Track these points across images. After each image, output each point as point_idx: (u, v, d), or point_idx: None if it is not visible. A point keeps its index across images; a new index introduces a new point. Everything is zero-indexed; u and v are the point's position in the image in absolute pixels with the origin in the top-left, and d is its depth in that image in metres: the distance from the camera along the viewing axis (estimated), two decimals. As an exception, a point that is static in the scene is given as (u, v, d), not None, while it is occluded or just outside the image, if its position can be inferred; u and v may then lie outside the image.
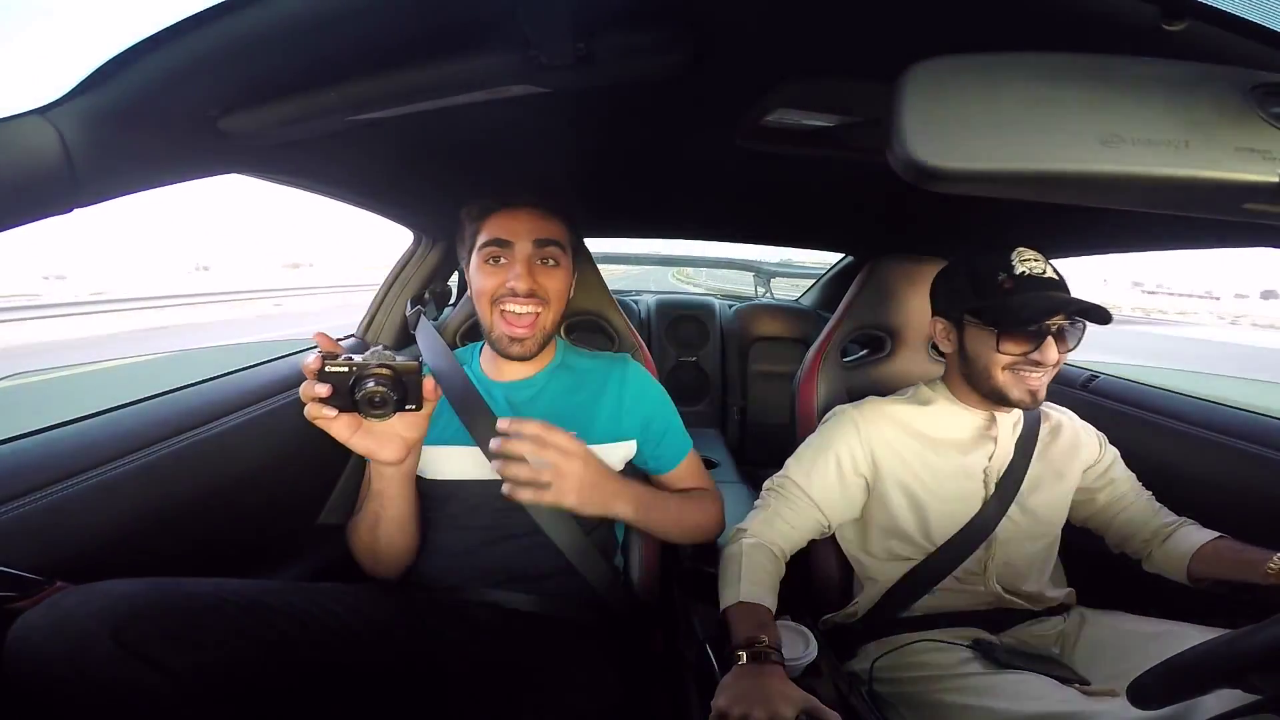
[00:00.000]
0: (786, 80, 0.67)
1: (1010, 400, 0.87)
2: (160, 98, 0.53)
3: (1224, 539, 0.87)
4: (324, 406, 0.66)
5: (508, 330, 0.88)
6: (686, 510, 0.94)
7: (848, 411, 0.98)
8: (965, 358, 0.90)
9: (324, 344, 0.68)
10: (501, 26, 0.50)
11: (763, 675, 0.67)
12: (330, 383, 0.65)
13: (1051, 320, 0.82)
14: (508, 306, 0.87)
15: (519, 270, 0.86)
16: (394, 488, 0.79)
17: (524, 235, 0.88)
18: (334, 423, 0.67)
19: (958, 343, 0.91)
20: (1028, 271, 0.83)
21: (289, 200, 20.43)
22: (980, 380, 0.89)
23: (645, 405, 0.96)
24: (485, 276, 0.88)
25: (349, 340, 1.36)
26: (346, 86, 0.57)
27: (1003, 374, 0.86)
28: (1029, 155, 0.31)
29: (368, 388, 0.65)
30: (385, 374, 0.66)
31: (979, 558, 0.91)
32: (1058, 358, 0.83)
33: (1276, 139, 0.31)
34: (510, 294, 0.86)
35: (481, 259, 0.89)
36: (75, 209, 0.54)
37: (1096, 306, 0.81)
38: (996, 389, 0.87)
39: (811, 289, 2.80)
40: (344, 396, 0.66)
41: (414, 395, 0.69)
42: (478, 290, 0.89)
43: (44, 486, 0.66)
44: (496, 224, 0.88)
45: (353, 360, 0.66)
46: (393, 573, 0.88)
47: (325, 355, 0.66)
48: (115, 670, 0.55)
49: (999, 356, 0.85)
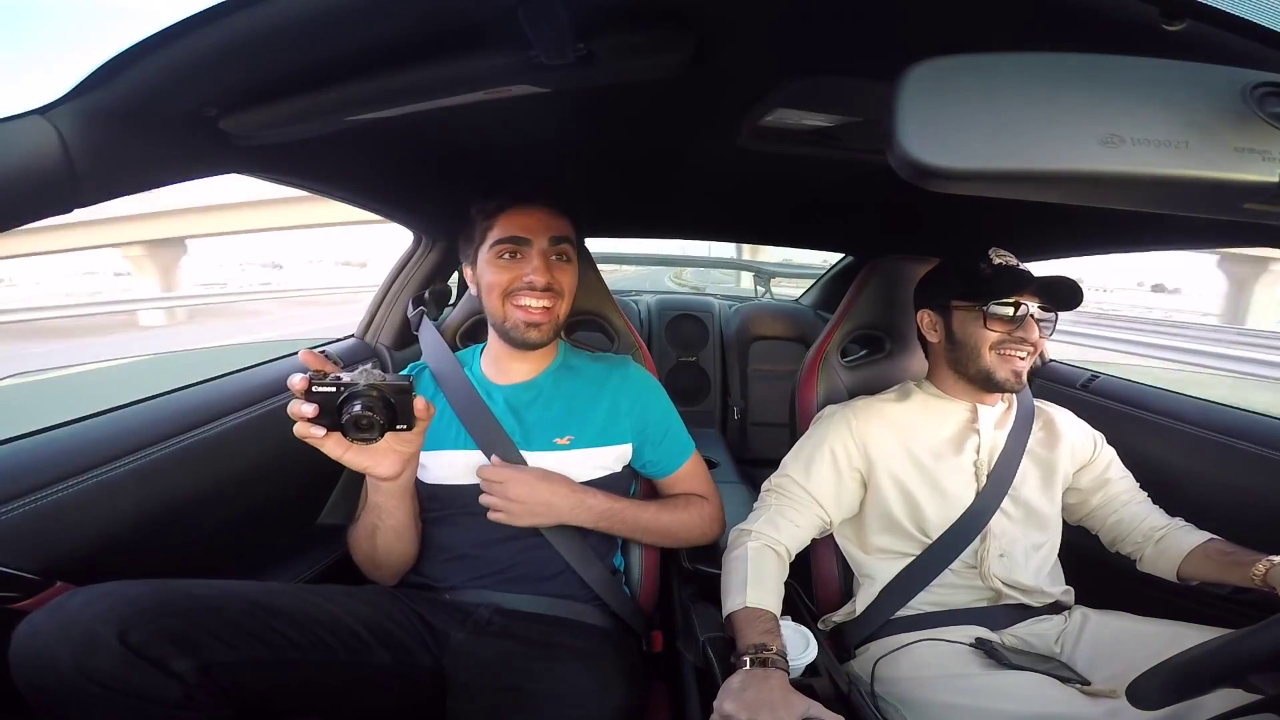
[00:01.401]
0: (786, 80, 0.67)
1: (996, 380, 0.93)
2: (160, 98, 0.53)
3: (1214, 541, 0.88)
4: (312, 426, 0.65)
5: (525, 317, 0.88)
6: (666, 516, 0.94)
7: (839, 410, 1.01)
8: (954, 342, 0.96)
9: (311, 363, 0.67)
10: (501, 26, 0.50)
11: (768, 681, 0.67)
12: (317, 403, 0.64)
13: (1027, 296, 0.91)
14: (523, 300, 0.87)
15: (537, 264, 0.87)
16: (391, 501, 0.79)
17: (540, 233, 0.88)
18: (325, 442, 0.66)
19: (945, 329, 0.98)
20: (1004, 263, 0.94)
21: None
22: (969, 362, 0.94)
23: (643, 408, 0.96)
24: (498, 271, 0.88)
25: (348, 340, 1.36)
26: (346, 86, 0.57)
27: (990, 354, 0.92)
28: (1029, 155, 0.31)
29: (354, 411, 0.64)
30: (373, 396, 0.65)
31: (975, 549, 0.92)
32: (1038, 338, 0.91)
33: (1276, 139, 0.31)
34: (528, 288, 0.87)
35: (494, 255, 0.88)
36: (75, 209, 0.54)
37: (1064, 286, 0.89)
38: (984, 370, 0.93)
39: (811, 289, 2.79)
40: (332, 416, 0.65)
41: (404, 415, 0.68)
42: (488, 284, 0.89)
43: (44, 486, 0.66)
44: (512, 221, 0.88)
45: (340, 380, 0.65)
46: (392, 578, 0.88)
47: (312, 375, 0.65)
48: (121, 671, 0.55)
49: (986, 334, 0.92)
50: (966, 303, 0.94)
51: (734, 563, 0.87)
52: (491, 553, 0.88)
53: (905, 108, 0.32)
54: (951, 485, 0.93)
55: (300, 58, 0.53)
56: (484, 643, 0.80)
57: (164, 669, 0.57)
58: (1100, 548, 1.01)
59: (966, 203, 1.02)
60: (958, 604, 0.92)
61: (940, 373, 1.01)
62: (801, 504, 0.95)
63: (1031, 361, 0.94)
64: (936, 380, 1.02)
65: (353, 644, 0.72)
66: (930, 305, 1.01)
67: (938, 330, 0.99)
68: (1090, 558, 1.02)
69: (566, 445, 0.90)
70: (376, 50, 0.53)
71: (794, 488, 0.96)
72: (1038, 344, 0.92)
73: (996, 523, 0.92)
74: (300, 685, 0.69)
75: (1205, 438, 1.06)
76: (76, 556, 0.68)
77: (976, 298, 0.93)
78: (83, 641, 0.54)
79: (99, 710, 0.55)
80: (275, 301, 15.05)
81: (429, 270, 1.38)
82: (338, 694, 0.72)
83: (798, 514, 0.94)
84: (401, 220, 1.30)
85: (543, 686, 0.74)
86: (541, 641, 0.81)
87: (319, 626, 0.70)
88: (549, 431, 0.90)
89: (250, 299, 13.19)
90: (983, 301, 0.92)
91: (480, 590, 0.87)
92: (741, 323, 2.46)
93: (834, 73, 0.64)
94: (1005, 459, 0.95)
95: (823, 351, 1.18)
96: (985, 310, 0.91)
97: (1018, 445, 0.96)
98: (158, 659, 0.57)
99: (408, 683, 0.76)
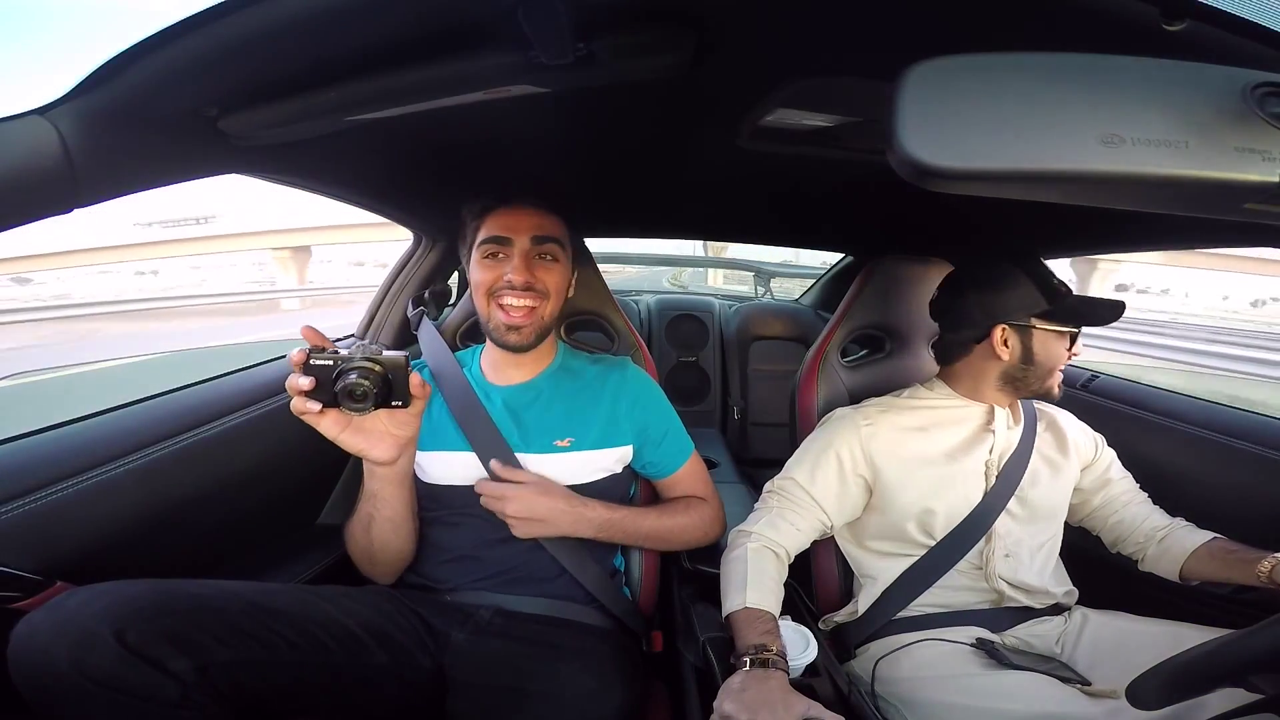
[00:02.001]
0: (787, 80, 0.67)
1: (1053, 396, 0.94)
2: (160, 98, 0.53)
3: (1218, 540, 0.88)
4: (308, 400, 0.65)
5: (505, 319, 0.88)
6: (668, 521, 0.94)
7: (847, 413, 0.99)
8: (1031, 361, 0.92)
9: (311, 338, 0.68)
10: (501, 26, 0.50)
11: (768, 682, 0.67)
12: (314, 376, 0.64)
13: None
14: (505, 299, 0.88)
15: (516, 264, 0.87)
16: (388, 489, 0.79)
17: (522, 232, 0.89)
18: (321, 419, 0.67)
19: (1021, 347, 0.92)
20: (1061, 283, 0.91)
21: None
22: (1036, 381, 0.93)
23: (643, 410, 0.96)
24: (483, 271, 0.90)
25: (348, 340, 1.36)
26: (346, 86, 0.57)
27: (1057, 373, 0.92)
28: (1029, 155, 0.31)
29: (348, 380, 0.64)
30: (369, 367, 0.65)
31: (980, 550, 0.91)
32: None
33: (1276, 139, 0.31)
34: (508, 286, 0.87)
35: (480, 255, 0.90)
36: (75, 209, 0.54)
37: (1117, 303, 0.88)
38: (1048, 387, 0.93)
39: (811, 289, 2.79)
40: (327, 390, 0.65)
41: (400, 390, 0.68)
42: (475, 283, 0.91)
43: (44, 486, 0.66)
44: (495, 222, 0.90)
45: (338, 354, 0.65)
46: (389, 575, 0.88)
47: (311, 349, 0.65)
48: (117, 670, 0.55)
49: (1064, 355, 0.92)
50: (1053, 325, 0.90)
51: (733, 564, 0.87)
52: (491, 554, 0.88)
53: (905, 108, 0.32)
54: (962, 486, 0.92)
55: (300, 58, 0.53)
56: (484, 643, 0.80)
57: (161, 668, 0.57)
58: (1100, 548, 1.01)
59: (966, 203, 1.03)
60: (961, 605, 0.92)
61: (967, 379, 0.97)
62: (803, 507, 0.94)
63: None
64: (955, 383, 0.98)
65: (351, 645, 0.72)
66: (1003, 320, 0.92)
67: (1010, 346, 0.92)
68: (1090, 558, 1.02)
69: (566, 447, 0.90)
70: (376, 50, 0.53)
71: (797, 491, 0.95)
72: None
73: (1001, 523, 0.91)
74: (298, 686, 0.69)
75: (1205, 438, 1.06)
76: (77, 556, 0.68)
77: (1064, 320, 0.90)
78: (79, 640, 0.54)
79: (96, 709, 0.55)
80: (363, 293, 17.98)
81: (429, 270, 1.38)
82: (336, 695, 0.72)
83: (799, 517, 0.93)
84: (401, 220, 1.30)
85: (543, 687, 0.74)
86: (542, 642, 0.81)
87: (317, 627, 0.70)
88: (548, 434, 0.90)
89: (350, 292, 15.92)
90: (1073, 323, 0.91)
91: (481, 592, 0.87)
92: (741, 323, 2.47)
93: (834, 73, 0.64)
94: (1016, 459, 0.94)
95: (823, 351, 1.18)
96: (1072, 332, 0.91)
97: (1027, 446, 0.95)
98: (155, 659, 0.57)
99: (407, 684, 0.76)
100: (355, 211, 1.15)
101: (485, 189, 0.93)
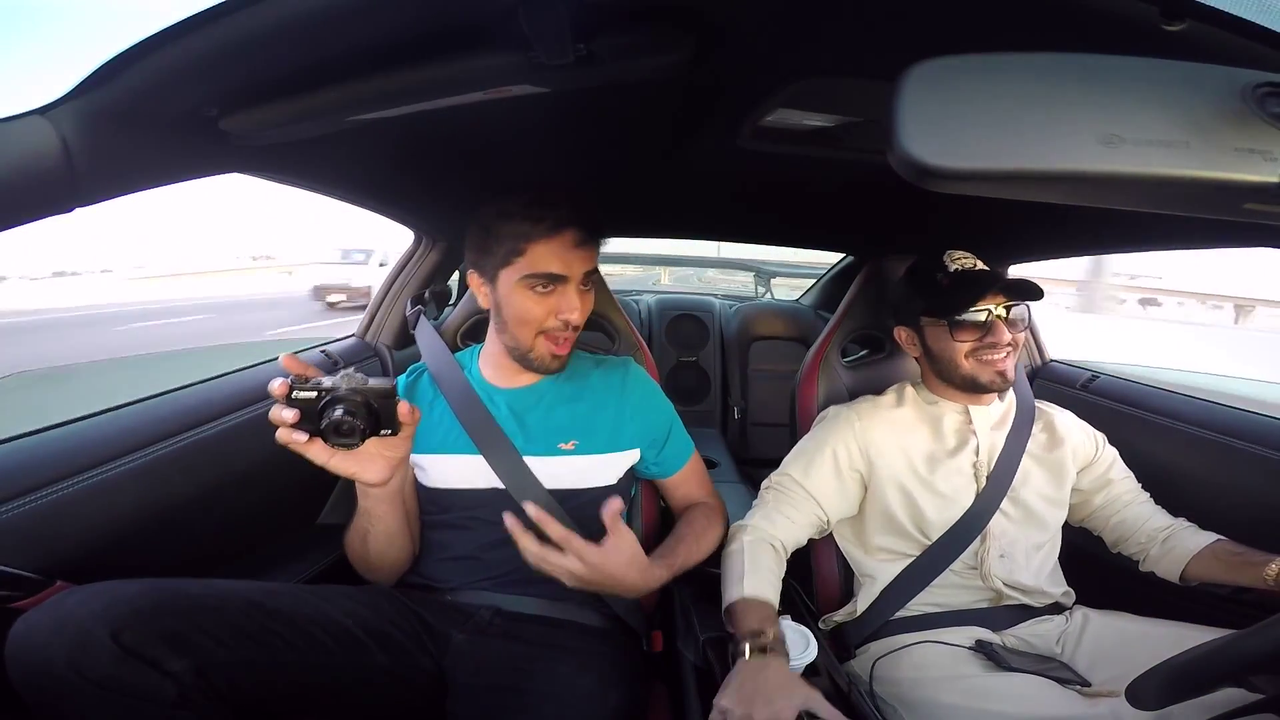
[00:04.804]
0: (787, 80, 0.67)
1: (982, 384, 0.93)
2: (160, 98, 0.53)
3: (1222, 541, 0.88)
4: (294, 431, 0.63)
5: (553, 349, 0.87)
6: (705, 546, 0.92)
7: (842, 410, 1.01)
8: (931, 356, 0.97)
9: (291, 367, 0.65)
10: (502, 27, 0.49)
11: (766, 670, 0.67)
12: (298, 408, 0.63)
13: (990, 302, 0.90)
14: (557, 335, 0.86)
15: (575, 303, 0.85)
16: (381, 506, 0.78)
17: (578, 268, 0.85)
18: (308, 448, 0.65)
19: (921, 344, 0.98)
20: (960, 268, 0.94)
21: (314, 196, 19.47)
22: (951, 372, 0.95)
23: (647, 413, 0.96)
24: (532, 303, 0.84)
25: (349, 339, 1.36)
26: (346, 86, 0.57)
27: (968, 362, 0.92)
28: (1029, 155, 0.31)
29: (334, 416, 0.63)
30: (354, 401, 0.64)
31: (975, 550, 0.92)
32: (1011, 337, 0.91)
33: (1276, 139, 0.31)
34: (564, 326, 0.85)
35: (526, 285, 0.84)
36: (75, 209, 0.54)
37: (1023, 281, 0.89)
38: (967, 377, 0.93)
39: (811, 289, 2.79)
40: (313, 421, 0.63)
41: (388, 420, 0.66)
42: (520, 316, 0.85)
43: (44, 486, 0.66)
44: (549, 256, 0.83)
45: (321, 385, 0.64)
46: (388, 579, 0.88)
47: (293, 380, 0.63)
48: (115, 670, 0.55)
49: (958, 345, 0.92)
50: (932, 318, 0.95)
51: (731, 557, 0.88)
52: (492, 555, 0.88)
53: (905, 108, 0.32)
54: (951, 487, 0.93)
55: (301, 58, 0.53)
56: (484, 644, 0.80)
57: (158, 669, 0.57)
58: (1101, 548, 1.01)
59: (967, 203, 1.02)
60: (959, 604, 0.92)
61: (931, 380, 1.02)
62: (799, 501, 0.95)
63: (1016, 356, 0.93)
64: (928, 384, 1.02)
65: (350, 645, 0.72)
66: (903, 322, 1.02)
67: (915, 344, 1.01)
68: (1091, 558, 1.01)
69: (571, 450, 0.90)
70: (377, 50, 0.53)
71: (792, 486, 0.96)
72: (1015, 341, 0.92)
73: (996, 524, 0.92)
74: (297, 686, 0.69)
75: (1206, 438, 1.06)
76: (76, 556, 0.68)
77: (940, 312, 0.93)
78: (76, 640, 0.54)
79: (94, 709, 0.55)
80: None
81: (429, 270, 1.38)
82: (335, 695, 0.72)
83: (794, 510, 0.94)
84: (402, 220, 1.30)
85: (543, 687, 0.74)
86: (542, 642, 0.81)
87: (316, 627, 0.70)
88: (553, 436, 0.90)
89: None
90: (945, 315, 0.92)
91: (481, 592, 0.87)
92: (741, 323, 2.47)
93: (834, 73, 0.64)
94: (1005, 460, 0.94)
95: (823, 351, 1.18)
96: (951, 322, 0.92)
97: (1017, 446, 0.96)
98: (152, 659, 0.56)
99: (406, 684, 0.76)
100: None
101: (485, 189, 0.92)
